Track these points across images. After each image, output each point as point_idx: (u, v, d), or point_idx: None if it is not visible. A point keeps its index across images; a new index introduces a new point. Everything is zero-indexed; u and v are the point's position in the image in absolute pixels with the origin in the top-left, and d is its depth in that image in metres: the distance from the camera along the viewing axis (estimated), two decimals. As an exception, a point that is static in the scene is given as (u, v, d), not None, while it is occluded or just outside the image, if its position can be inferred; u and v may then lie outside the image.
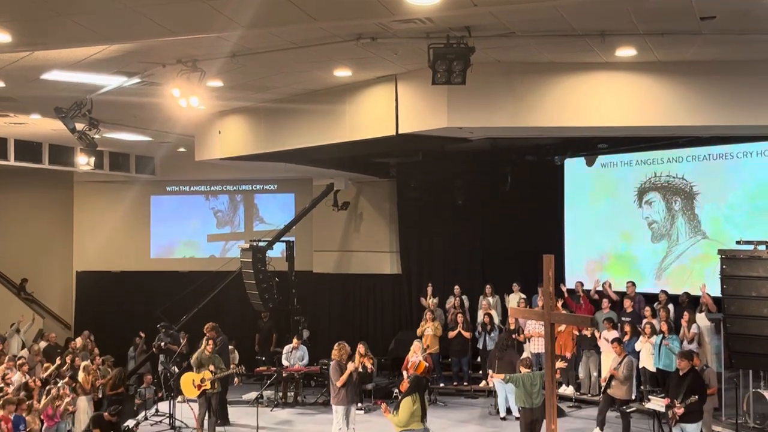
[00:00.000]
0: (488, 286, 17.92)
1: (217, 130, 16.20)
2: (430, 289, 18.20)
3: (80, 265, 23.28)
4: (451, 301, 18.02)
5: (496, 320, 16.99)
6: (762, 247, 10.02)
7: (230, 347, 16.15)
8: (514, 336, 15.85)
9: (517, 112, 11.95)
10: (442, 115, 12.02)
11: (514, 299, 17.24)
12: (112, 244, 22.86)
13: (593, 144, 16.95)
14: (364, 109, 13.28)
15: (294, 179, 21.74)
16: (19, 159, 18.04)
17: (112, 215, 22.95)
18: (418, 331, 16.91)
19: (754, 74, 11.21)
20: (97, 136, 14.48)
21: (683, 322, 13.83)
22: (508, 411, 14.55)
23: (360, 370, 15.16)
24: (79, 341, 18.87)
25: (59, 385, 14.09)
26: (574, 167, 18.10)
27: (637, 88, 11.62)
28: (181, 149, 19.62)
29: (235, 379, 14.24)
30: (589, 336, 15.34)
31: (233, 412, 14.94)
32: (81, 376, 14.76)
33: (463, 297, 18.00)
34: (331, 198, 20.20)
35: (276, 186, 22.71)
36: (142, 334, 19.95)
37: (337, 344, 12.73)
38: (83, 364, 15.35)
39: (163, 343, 17.44)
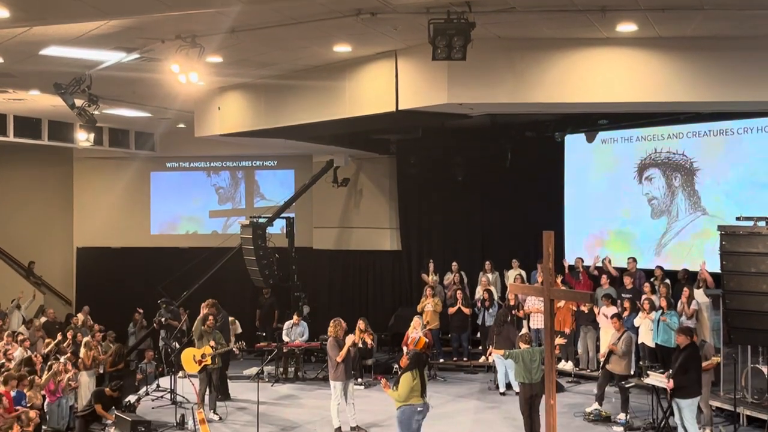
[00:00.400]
0: (488, 263, 17.94)
1: (216, 106, 16.16)
2: (431, 266, 18.22)
3: (81, 241, 23.33)
4: (449, 277, 18.05)
5: (496, 296, 17.03)
6: (762, 224, 10.02)
7: (230, 318, 16.18)
8: (513, 312, 15.91)
9: (518, 88, 11.92)
10: (442, 91, 11.99)
11: (512, 275, 17.28)
12: (112, 221, 22.91)
13: (593, 120, 16.91)
14: (364, 85, 13.25)
15: (294, 155, 21.72)
16: (18, 135, 18.02)
17: (112, 191, 22.98)
18: (419, 307, 16.96)
19: (756, 50, 11.17)
20: (96, 112, 14.47)
21: (683, 298, 13.87)
22: (508, 386, 14.63)
23: (360, 345, 15.26)
24: (80, 317, 18.94)
25: (61, 360, 14.18)
26: (574, 143, 18.08)
27: (638, 63, 11.58)
28: (181, 125, 19.58)
29: (235, 346, 14.27)
30: (586, 312, 15.40)
31: (234, 388, 15.04)
32: (82, 351, 14.84)
33: (462, 273, 18.03)
34: (330, 174, 20.19)
35: (276, 162, 22.70)
36: (140, 311, 20.03)
37: (332, 321, 12.80)
38: (84, 339, 15.42)
39: (163, 319, 17.51)
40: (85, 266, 23.22)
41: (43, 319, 18.73)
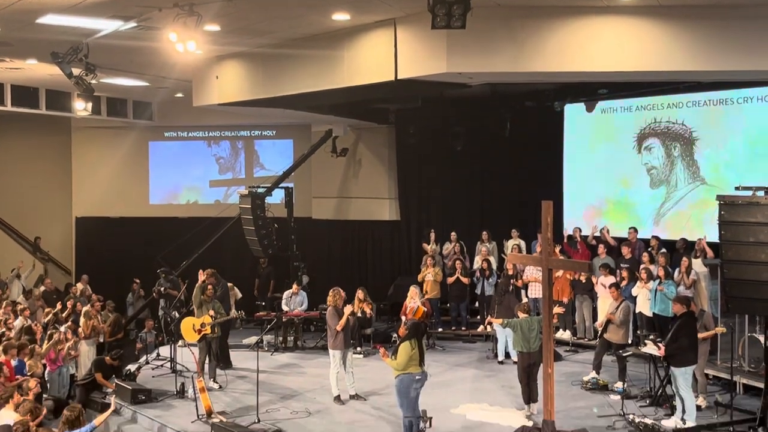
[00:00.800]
0: (485, 232, 17.94)
1: (214, 75, 16.09)
2: (432, 235, 18.23)
3: (79, 210, 23.34)
4: (448, 247, 18.07)
5: (494, 266, 17.05)
6: (761, 193, 10.00)
7: (229, 285, 16.22)
8: (512, 281, 15.94)
9: (517, 56, 11.86)
10: (442, 60, 11.94)
11: (511, 245, 17.29)
12: (111, 190, 22.90)
13: (593, 89, 16.85)
14: (363, 54, 13.18)
15: (292, 125, 21.65)
16: (16, 104, 17.98)
17: (111, 161, 22.96)
18: (419, 277, 17.00)
19: (757, 18, 11.11)
20: (93, 81, 14.42)
21: (682, 268, 13.90)
22: (507, 355, 14.69)
23: (359, 315, 15.32)
24: (79, 286, 19.01)
25: (62, 329, 14.24)
26: (573, 113, 18.03)
27: (638, 32, 11.52)
28: (179, 95, 19.51)
29: (235, 314, 14.32)
30: (584, 282, 15.43)
31: (234, 356, 15.07)
32: (81, 321, 14.90)
33: (462, 243, 18.05)
34: (329, 144, 20.14)
35: (275, 132, 22.64)
36: (137, 281, 20.08)
37: (331, 290, 12.84)
38: (84, 309, 15.47)
39: (163, 288, 17.54)
40: (85, 236, 23.25)
41: (42, 289, 18.79)
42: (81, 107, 14.92)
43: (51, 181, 23.01)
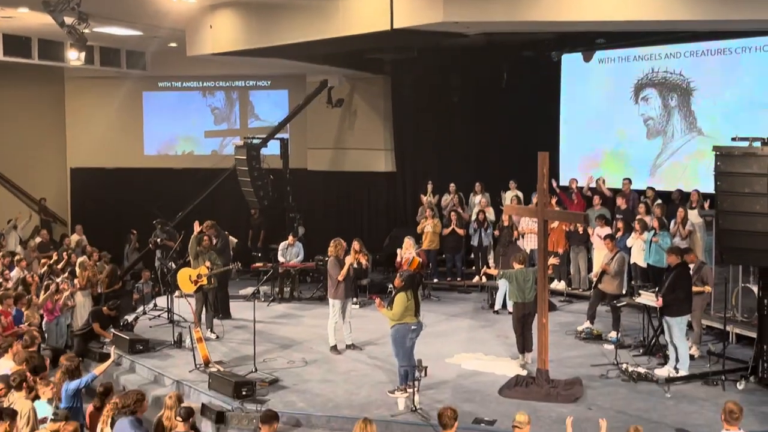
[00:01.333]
0: (478, 184, 17.93)
1: (208, 24, 15.91)
2: (430, 186, 18.21)
3: (74, 161, 23.25)
4: (446, 199, 18.06)
5: (490, 217, 17.06)
6: (757, 144, 9.97)
7: (225, 233, 16.24)
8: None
9: (514, 5, 11.74)
10: (438, 9, 11.80)
11: (509, 196, 17.26)
12: (105, 141, 22.78)
13: (591, 39, 16.70)
14: (358, 2, 13.02)
15: (287, 75, 21.46)
16: (8, 54, 17.78)
17: (105, 112, 22.80)
18: (418, 229, 17.03)
19: (757, -33, 10.98)
20: (86, 31, 14.24)
21: (678, 219, 13.93)
22: (505, 305, 14.76)
23: (355, 266, 15.36)
24: (74, 237, 19.00)
25: (59, 280, 14.27)
26: (571, 63, 17.90)
27: (637, -20, 11.39)
28: (173, 44, 19.30)
29: (233, 266, 14.36)
30: (581, 233, 15.47)
31: (231, 307, 15.12)
32: (77, 271, 14.92)
33: (461, 194, 18.04)
34: (324, 95, 20.01)
35: (269, 82, 22.46)
36: (134, 231, 20.08)
37: (333, 241, 12.87)
38: (79, 260, 15.49)
39: (159, 239, 17.54)
40: (80, 187, 23.19)
41: (38, 240, 18.79)
42: (74, 57, 14.79)
43: (45, 132, 22.86)
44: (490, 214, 17.06)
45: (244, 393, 10.35)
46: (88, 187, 22.82)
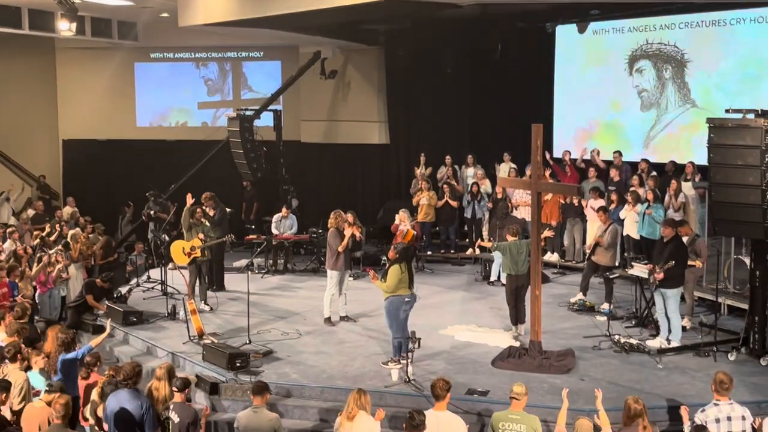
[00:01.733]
0: (470, 156, 17.91)
1: (200, -6, 15.79)
2: (422, 159, 18.16)
3: (66, 133, 23.14)
4: (442, 171, 18.03)
5: (483, 189, 17.04)
6: (751, 116, 9.96)
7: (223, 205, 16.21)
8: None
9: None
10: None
11: (504, 169, 17.24)
12: (97, 113, 22.67)
13: (585, 10, 16.60)
14: (352, -28, 12.90)
15: (280, 46, 21.32)
16: (-2, 24, 17.64)
17: (97, 83, 22.68)
18: (414, 201, 17.02)
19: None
20: (77, 0, 14.11)
21: (670, 191, 13.94)
22: (499, 278, 14.78)
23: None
24: (67, 210, 18.93)
25: (52, 252, 14.25)
26: (565, 34, 17.80)
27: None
28: (164, 14, 19.13)
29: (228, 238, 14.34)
30: (576, 205, 15.48)
31: (225, 279, 15.14)
32: (70, 243, 14.89)
33: (456, 167, 18.02)
34: (318, 66, 19.90)
35: (262, 54, 22.31)
36: (131, 204, 20.03)
37: (333, 212, 12.91)
38: (71, 232, 15.45)
39: (152, 212, 17.52)
40: (72, 159, 23.09)
41: (31, 212, 18.73)
42: (65, 27, 14.67)
43: (36, 103, 22.71)
44: (487, 186, 17.01)
45: (238, 365, 10.38)
46: (81, 158, 22.72)
